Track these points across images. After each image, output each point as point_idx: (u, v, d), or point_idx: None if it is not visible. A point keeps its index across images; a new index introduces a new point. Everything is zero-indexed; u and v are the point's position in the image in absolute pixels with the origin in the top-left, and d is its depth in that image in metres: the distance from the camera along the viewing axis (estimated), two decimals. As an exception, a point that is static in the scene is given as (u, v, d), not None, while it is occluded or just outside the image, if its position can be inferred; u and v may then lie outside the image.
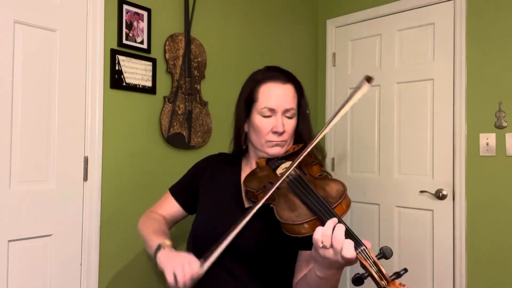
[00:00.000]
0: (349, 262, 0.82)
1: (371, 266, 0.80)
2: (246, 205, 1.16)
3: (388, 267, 0.83)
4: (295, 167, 1.07)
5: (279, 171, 1.10)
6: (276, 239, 1.06)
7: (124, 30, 1.79)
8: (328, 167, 2.85)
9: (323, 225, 0.87)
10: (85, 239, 1.68)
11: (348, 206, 0.95)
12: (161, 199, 1.36)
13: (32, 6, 1.54)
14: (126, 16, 1.80)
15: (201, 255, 1.07)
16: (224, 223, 1.10)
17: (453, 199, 2.30)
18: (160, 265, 1.02)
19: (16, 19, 1.50)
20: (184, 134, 1.99)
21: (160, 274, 1.93)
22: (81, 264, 1.67)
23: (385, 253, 0.82)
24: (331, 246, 0.83)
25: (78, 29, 1.67)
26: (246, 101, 1.18)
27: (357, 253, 0.81)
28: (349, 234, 0.84)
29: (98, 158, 1.71)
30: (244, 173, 1.22)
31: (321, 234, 0.84)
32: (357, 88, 1.01)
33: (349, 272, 2.73)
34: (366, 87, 1.01)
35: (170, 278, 0.96)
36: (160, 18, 1.94)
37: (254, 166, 1.20)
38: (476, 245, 2.22)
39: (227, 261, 1.09)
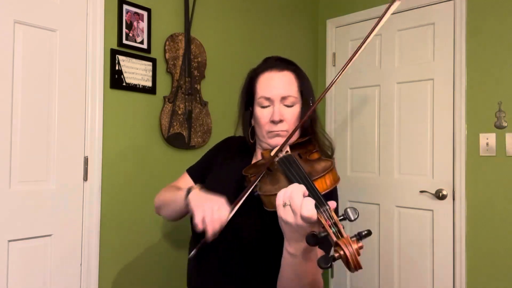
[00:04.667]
0: (309, 223, 0.77)
1: (330, 227, 0.73)
2: None
3: (389, 265, 0.81)
4: (290, 148, 1.05)
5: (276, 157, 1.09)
6: (272, 233, 1.05)
7: (124, 30, 1.79)
8: (328, 167, 2.85)
9: None
10: (85, 239, 1.68)
11: (332, 182, 0.91)
12: (179, 180, 1.34)
13: (32, 6, 1.54)
14: (126, 16, 1.80)
15: (199, 237, 1.04)
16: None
17: (453, 199, 2.30)
18: (191, 207, 1.00)
19: (16, 19, 1.50)
20: (184, 134, 1.99)
21: (162, 273, 1.93)
22: (81, 264, 1.67)
23: (348, 214, 0.75)
24: (290, 204, 0.79)
25: (78, 29, 1.67)
26: (247, 95, 1.17)
27: (318, 213, 0.76)
28: (313, 194, 0.80)
29: (98, 158, 1.71)
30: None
31: (282, 192, 0.82)
32: (388, 7, 0.99)
33: (349, 282, 2.73)
34: (397, 3, 0.99)
35: (199, 223, 0.94)
36: (160, 18, 1.94)
37: (259, 157, 1.18)
38: (476, 245, 2.22)
39: (223, 252, 1.09)
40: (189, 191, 1.06)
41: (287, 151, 1.06)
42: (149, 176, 1.90)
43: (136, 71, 1.83)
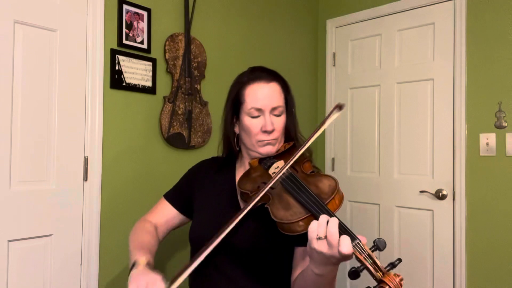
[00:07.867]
0: (345, 257, 0.83)
1: (365, 259, 0.81)
2: (242, 206, 1.16)
3: (386, 262, 0.83)
4: (278, 156, 1.09)
5: (271, 170, 1.11)
6: (271, 239, 1.06)
7: (124, 30, 1.79)
8: (328, 167, 2.86)
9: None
10: (85, 239, 1.68)
11: (341, 200, 0.95)
12: (156, 206, 1.35)
13: (32, 6, 1.54)
14: (126, 16, 1.80)
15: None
16: (219, 226, 1.11)
17: (453, 199, 2.30)
18: (129, 283, 1.00)
19: (16, 19, 1.50)
20: (184, 134, 1.99)
21: (162, 273, 1.93)
22: (81, 264, 1.67)
23: (378, 245, 0.84)
24: (325, 237, 0.83)
25: (78, 29, 1.67)
26: (234, 104, 1.20)
27: (352, 246, 0.82)
28: (343, 228, 0.85)
29: (98, 158, 1.71)
30: (239, 175, 1.22)
31: (316, 225, 0.85)
32: (329, 114, 1.05)
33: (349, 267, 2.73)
34: (337, 114, 1.05)
35: None
36: (160, 18, 1.94)
37: (247, 167, 1.20)
38: (476, 245, 2.22)
39: (222, 262, 1.10)
40: (132, 266, 1.07)
41: (282, 167, 1.07)
42: (149, 176, 1.90)
43: (136, 71, 1.83)
